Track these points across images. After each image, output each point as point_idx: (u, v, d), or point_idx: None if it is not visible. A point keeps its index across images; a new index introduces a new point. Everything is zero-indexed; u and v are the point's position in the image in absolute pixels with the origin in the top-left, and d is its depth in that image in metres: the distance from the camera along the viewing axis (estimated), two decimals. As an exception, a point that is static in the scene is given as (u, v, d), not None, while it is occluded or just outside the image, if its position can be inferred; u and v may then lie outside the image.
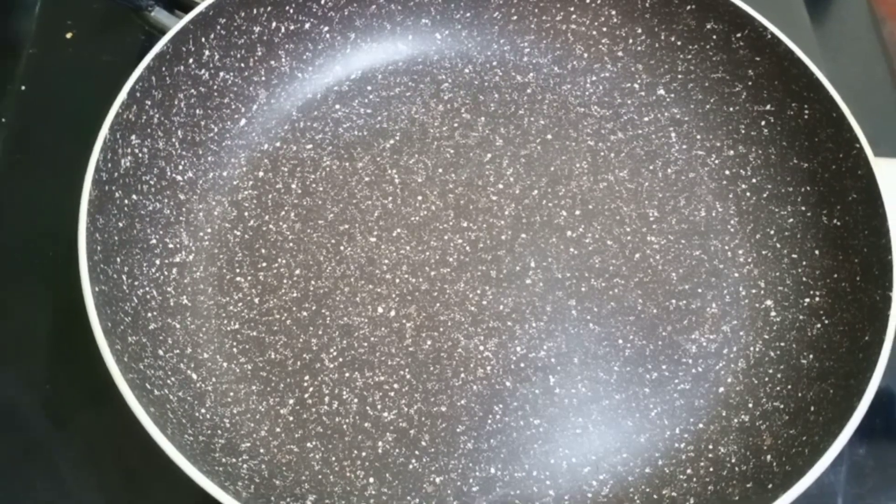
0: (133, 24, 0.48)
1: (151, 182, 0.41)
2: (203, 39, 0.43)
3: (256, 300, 0.41)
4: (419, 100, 0.47)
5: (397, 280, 0.42)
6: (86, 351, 0.34)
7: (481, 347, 0.40)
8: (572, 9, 0.49)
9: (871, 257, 0.38)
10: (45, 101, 0.49)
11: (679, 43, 0.47)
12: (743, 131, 0.46)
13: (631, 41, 0.48)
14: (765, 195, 0.44)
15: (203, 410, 0.37)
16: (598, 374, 0.40)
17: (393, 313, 0.41)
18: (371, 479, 0.37)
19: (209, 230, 0.43)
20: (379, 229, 0.43)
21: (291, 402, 0.39)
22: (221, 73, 0.44)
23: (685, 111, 0.47)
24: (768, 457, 0.37)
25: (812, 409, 0.37)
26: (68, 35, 0.52)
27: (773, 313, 0.41)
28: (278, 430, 0.38)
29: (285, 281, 0.42)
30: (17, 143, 0.48)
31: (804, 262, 0.42)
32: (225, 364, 0.39)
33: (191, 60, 0.43)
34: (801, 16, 0.55)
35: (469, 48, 0.49)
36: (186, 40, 0.42)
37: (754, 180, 0.45)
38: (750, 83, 0.45)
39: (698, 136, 0.47)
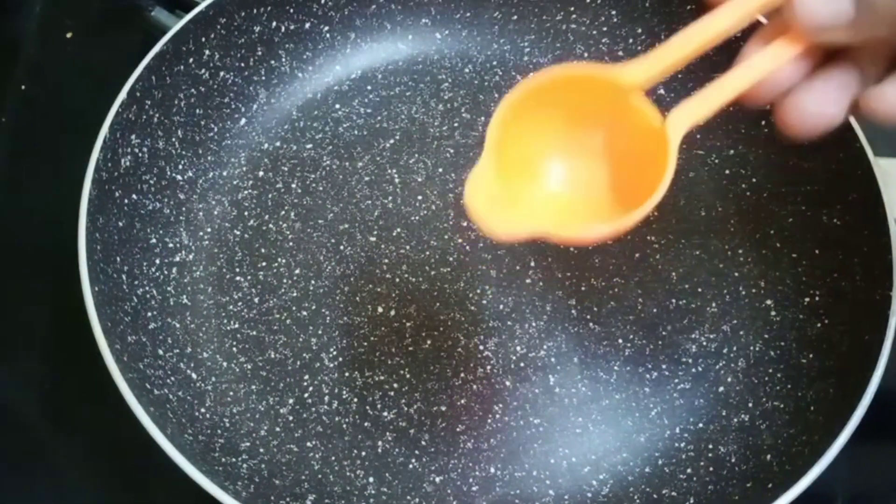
0: (133, 24, 0.48)
1: (151, 181, 0.41)
2: (203, 39, 0.43)
3: (256, 300, 0.41)
4: (419, 100, 0.47)
5: (397, 279, 0.42)
6: (86, 351, 0.34)
7: (481, 347, 0.40)
8: (572, 8, 0.48)
9: (871, 257, 0.38)
10: (45, 101, 0.49)
11: (679, 43, 0.47)
12: (743, 131, 0.45)
13: (631, 41, 0.48)
14: (765, 195, 0.44)
15: (203, 410, 0.37)
16: (598, 374, 0.40)
17: (393, 313, 0.41)
18: (371, 479, 0.37)
19: (209, 230, 0.43)
20: (379, 229, 0.43)
21: (291, 401, 0.39)
22: (221, 73, 0.45)
23: (685, 111, 0.47)
24: (768, 456, 0.37)
25: (812, 408, 0.37)
26: (68, 35, 0.52)
27: (773, 313, 0.41)
28: (278, 429, 0.38)
29: (285, 280, 0.42)
30: (17, 143, 0.48)
31: (804, 262, 0.42)
32: (225, 363, 0.39)
33: (191, 60, 0.43)
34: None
35: (469, 48, 0.49)
36: (186, 40, 0.42)
37: (754, 180, 0.45)
38: (750, 83, 0.45)
39: (698, 136, 0.47)
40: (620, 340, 0.41)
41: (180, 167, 0.43)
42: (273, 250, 0.43)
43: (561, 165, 0.30)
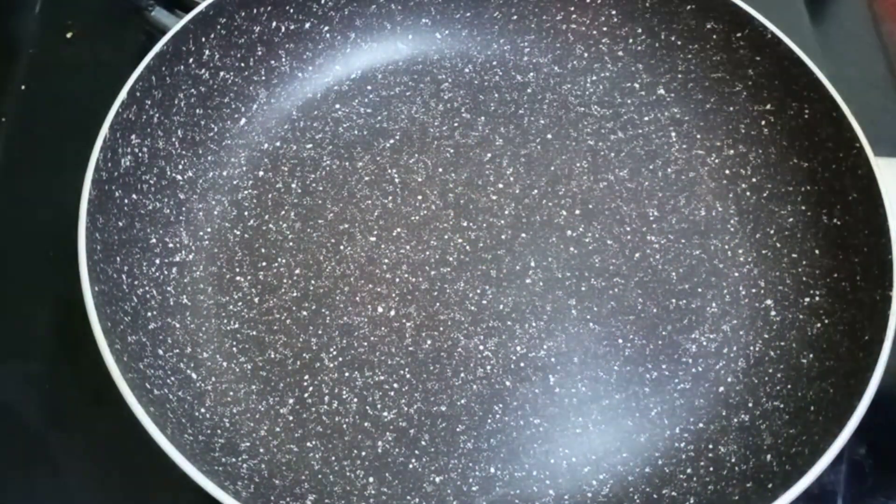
0: (133, 24, 0.48)
1: (151, 181, 0.41)
2: (203, 39, 0.43)
3: (256, 300, 0.41)
4: (419, 100, 0.47)
5: (397, 279, 0.42)
6: (86, 351, 0.34)
7: (481, 347, 0.40)
8: (572, 8, 0.49)
9: (871, 257, 0.38)
10: (45, 101, 0.49)
11: (679, 42, 0.47)
12: (743, 131, 0.46)
13: (631, 41, 0.48)
14: (765, 195, 0.44)
15: (203, 410, 0.37)
16: (598, 374, 0.40)
17: (393, 313, 0.41)
18: (371, 479, 0.37)
19: (209, 230, 0.43)
20: (379, 229, 0.43)
21: (291, 401, 0.39)
22: (221, 73, 0.45)
23: (685, 111, 0.47)
24: (768, 456, 0.37)
25: (812, 408, 0.37)
26: (68, 35, 0.52)
27: (773, 313, 0.41)
28: (278, 429, 0.38)
29: (285, 280, 0.42)
30: (17, 142, 0.48)
31: (804, 262, 0.42)
32: (225, 363, 0.39)
33: (191, 60, 0.43)
34: (801, 16, 0.55)
35: (469, 48, 0.49)
36: (186, 40, 0.42)
37: (754, 180, 0.45)
38: (750, 83, 0.45)
39: (698, 136, 0.47)
40: (620, 340, 0.41)
41: (180, 167, 0.43)
42: (273, 250, 0.43)
43: None
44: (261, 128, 0.46)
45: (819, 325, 0.40)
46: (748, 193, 0.45)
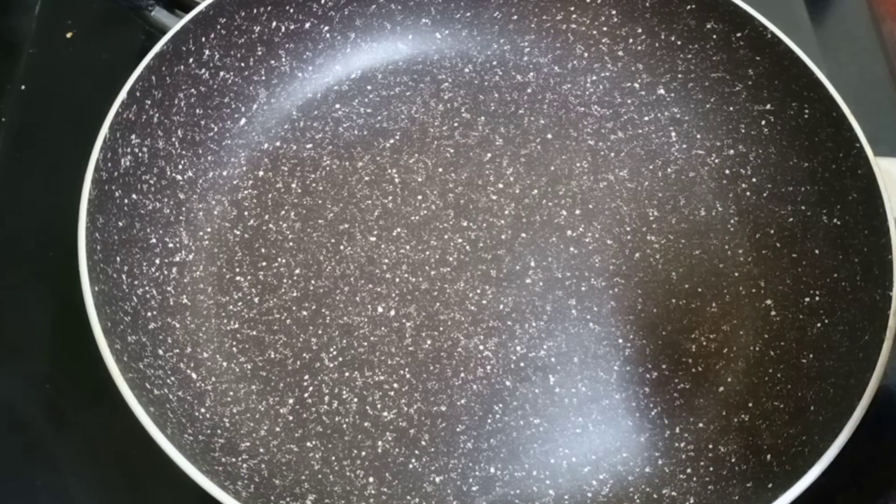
0: (133, 24, 0.48)
1: (151, 181, 0.41)
2: (203, 39, 0.43)
3: (256, 300, 0.41)
4: (419, 100, 0.47)
5: (397, 279, 0.42)
6: (86, 351, 0.34)
7: (481, 347, 0.40)
8: (572, 8, 0.49)
9: (871, 257, 0.38)
10: (45, 101, 0.49)
11: (679, 42, 0.47)
12: (743, 131, 0.46)
13: (631, 41, 0.48)
14: (765, 195, 0.44)
15: (203, 410, 0.37)
16: (598, 374, 0.40)
17: (393, 313, 0.41)
18: (371, 479, 0.37)
19: (209, 229, 0.43)
20: (379, 229, 0.43)
21: (291, 401, 0.39)
22: (221, 73, 0.45)
23: (685, 111, 0.47)
24: (768, 456, 0.37)
25: (812, 408, 0.37)
26: (68, 35, 0.52)
27: (773, 313, 0.41)
28: (278, 429, 0.38)
29: (285, 280, 0.42)
30: (17, 142, 0.48)
31: (804, 262, 0.42)
32: (225, 363, 0.39)
33: (191, 60, 0.43)
34: (801, 16, 0.55)
35: (469, 48, 0.49)
36: (186, 40, 0.42)
37: (754, 180, 0.45)
38: (750, 83, 0.45)
39: (698, 136, 0.47)
40: (620, 340, 0.41)
41: (180, 167, 0.43)
42: (273, 250, 0.43)
43: None
44: (261, 128, 0.46)
45: (819, 325, 0.40)
46: (748, 193, 0.45)
